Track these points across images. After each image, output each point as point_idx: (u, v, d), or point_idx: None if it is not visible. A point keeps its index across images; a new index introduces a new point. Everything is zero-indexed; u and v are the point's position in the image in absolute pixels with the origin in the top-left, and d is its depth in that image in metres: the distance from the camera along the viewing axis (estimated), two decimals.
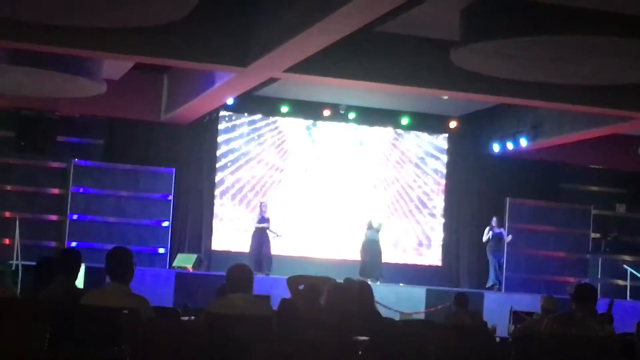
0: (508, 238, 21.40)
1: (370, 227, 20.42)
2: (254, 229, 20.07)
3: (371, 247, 20.29)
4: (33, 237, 19.60)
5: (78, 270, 8.30)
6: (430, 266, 22.57)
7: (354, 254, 20.70)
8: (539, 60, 13.78)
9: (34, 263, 9.27)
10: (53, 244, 20.11)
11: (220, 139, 21.57)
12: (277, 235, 20.21)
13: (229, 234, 21.49)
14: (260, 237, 19.97)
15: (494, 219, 21.20)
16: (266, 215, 20.14)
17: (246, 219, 21.26)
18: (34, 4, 12.60)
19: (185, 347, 6.91)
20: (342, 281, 9.46)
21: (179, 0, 11.89)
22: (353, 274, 16.72)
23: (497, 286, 21.15)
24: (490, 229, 21.17)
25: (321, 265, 19.45)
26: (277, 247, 20.37)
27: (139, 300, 7.36)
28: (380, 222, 20.46)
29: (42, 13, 13.01)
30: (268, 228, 20.06)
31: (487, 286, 21.09)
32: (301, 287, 9.38)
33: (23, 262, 17.78)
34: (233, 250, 20.93)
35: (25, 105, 19.56)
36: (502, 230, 21.34)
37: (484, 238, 21.21)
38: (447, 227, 22.81)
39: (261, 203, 20.52)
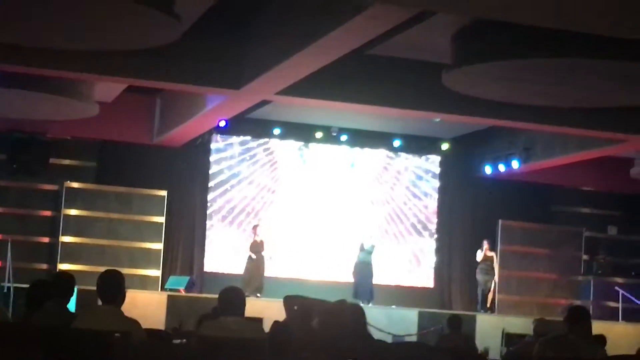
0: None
1: (362, 249, 20.40)
2: (248, 254, 20.01)
3: (363, 269, 20.26)
4: (25, 259, 19.54)
5: (71, 294, 8.30)
6: (422, 288, 22.55)
7: (347, 276, 20.68)
8: (530, 83, 13.83)
9: (25, 285, 9.26)
10: (45, 266, 20.06)
11: (212, 160, 21.57)
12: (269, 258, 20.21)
13: (221, 256, 21.46)
14: (255, 259, 19.93)
15: (485, 242, 21.18)
16: (258, 239, 20.11)
17: (238, 241, 21.25)
18: (26, 27, 12.62)
19: None
20: (334, 302, 9.43)
21: (171, 23, 11.92)
22: (346, 296, 16.71)
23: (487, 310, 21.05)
24: (482, 252, 21.11)
25: (314, 287, 19.43)
26: (270, 270, 20.34)
27: (131, 323, 7.34)
28: (372, 244, 20.44)
29: (34, 36, 13.04)
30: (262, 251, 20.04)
31: (478, 309, 21.02)
32: (295, 307, 9.37)
33: (15, 285, 17.73)
34: (225, 272, 20.90)
35: (18, 128, 19.55)
36: (493, 253, 21.28)
37: (478, 258, 21.09)
38: (439, 249, 22.80)
39: (255, 226, 20.49)
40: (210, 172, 21.54)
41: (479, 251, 21.14)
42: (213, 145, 21.54)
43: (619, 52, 12.42)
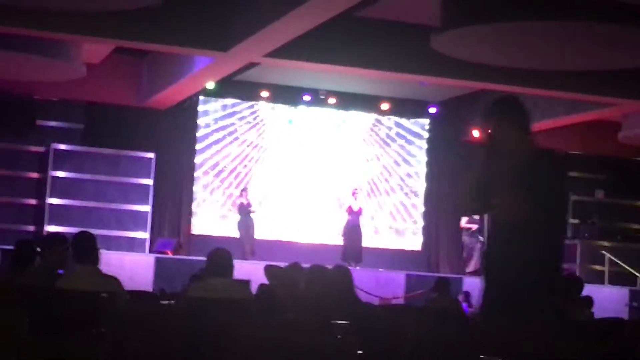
0: (473, 227, 21.24)
1: (351, 211, 20.43)
2: (239, 217, 20.03)
3: (352, 232, 20.31)
4: (11, 221, 19.53)
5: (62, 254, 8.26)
6: (409, 251, 22.60)
7: (336, 238, 20.74)
8: (519, 46, 13.80)
9: (12, 247, 9.23)
10: (32, 227, 20.04)
11: (200, 123, 21.53)
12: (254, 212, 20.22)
13: (209, 218, 21.48)
14: (245, 222, 19.98)
15: None
16: (248, 201, 20.12)
17: (226, 203, 21.28)
18: None
19: (164, 331, 6.91)
20: (319, 266, 9.44)
21: None
22: (335, 259, 16.77)
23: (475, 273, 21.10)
24: (467, 216, 21.12)
25: (303, 250, 19.49)
26: (260, 232, 20.38)
27: (111, 281, 7.36)
28: (360, 206, 20.47)
29: None
30: (252, 212, 20.06)
31: (467, 271, 21.07)
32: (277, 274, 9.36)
33: (2, 247, 17.71)
34: (213, 234, 20.91)
35: (4, 89, 19.46)
36: (478, 217, 21.26)
37: (462, 222, 21.11)
38: (426, 212, 22.84)
39: (244, 188, 20.49)
40: (198, 134, 21.49)
41: (462, 217, 21.14)
42: (200, 108, 21.48)
43: (606, 15, 12.40)
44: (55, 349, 5.57)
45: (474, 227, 20.95)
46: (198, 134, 21.49)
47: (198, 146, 21.47)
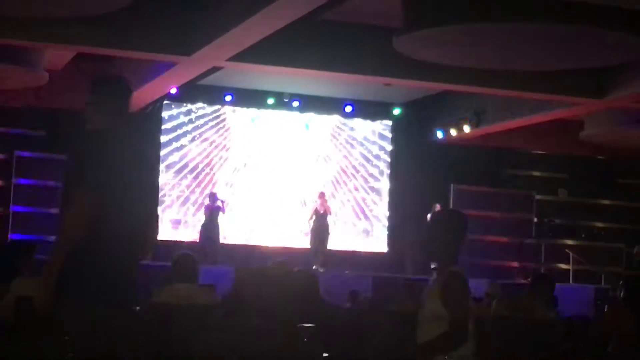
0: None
1: (317, 213, 20.46)
2: (204, 218, 19.98)
3: (319, 234, 20.34)
4: None
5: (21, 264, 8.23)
6: (376, 253, 22.64)
7: (303, 242, 20.76)
8: (481, 47, 13.86)
9: None
10: None
11: (163, 128, 21.46)
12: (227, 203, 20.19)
13: (174, 223, 21.41)
14: (211, 227, 19.93)
15: (437, 205, 21.27)
16: (217, 204, 20.08)
17: (190, 208, 21.24)
18: None
19: (128, 337, 6.87)
20: (282, 267, 9.45)
21: None
22: (302, 262, 16.75)
23: None
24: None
25: (270, 253, 19.45)
26: (226, 236, 20.34)
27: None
28: (325, 207, 20.50)
29: None
30: (222, 213, 20.02)
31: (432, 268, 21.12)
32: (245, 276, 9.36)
33: None
34: (177, 239, 20.85)
35: None
36: None
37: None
38: (392, 214, 22.89)
39: (211, 193, 20.43)
40: (162, 139, 21.41)
41: (429, 215, 21.22)
42: (164, 113, 21.41)
43: (566, 15, 12.48)
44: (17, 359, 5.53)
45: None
46: (162, 139, 21.41)
47: (162, 151, 21.39)
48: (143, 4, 13.89)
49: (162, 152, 21.38)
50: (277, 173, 22.10)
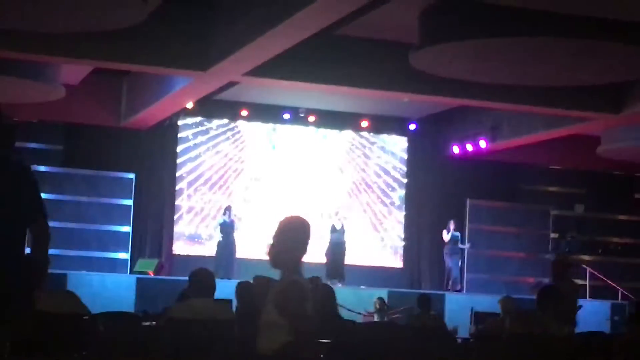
0: (467, 245, 21.48)
1: (334, 230, 20.45)
2: (220, 235, 19.98)
3: (336, 250, 20.33)
4: None
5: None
6: (391, 268, 22.61)
7: (319, 257, 20.76)
8: (497, 62, 13.86)
9: None
10: None
11: (180, 143, 21.50)
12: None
13: (191, 238, 21.42)
14: (226, 241, 19.92)
15: (451, 222, 21.27)
16: (231, 219, 20.08)
17: (207, 222, 21.24)
18: None
19: (146, 352, 6.90)
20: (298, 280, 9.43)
21: (137, 4, 11.85)
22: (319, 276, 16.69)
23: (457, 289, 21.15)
24: (448, 232, 21.20)
25: None
26: (241, 251, 20.34)
27: (70, 297, 7.34)
28: (343, 225, 20.49)
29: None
30: (235, 230, 20.03)
31: (447, 288, 21.11)
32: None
33: None
34: (194, 254, 20.88)
35: None
36: (458, 233, 21.38)
37: (445, 238, 21.21)
38: (407, 229, 22.85)
39: (227, 207, 20.43)
40: (178, 154, 21.46)
41: (444, 231, 21.23)
42: (180, 127, 21.45)
43: (584, 31, 12.48)
44: None
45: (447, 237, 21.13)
46: (178, 154, 21.46)
47: (178, 166, 21.44)
48: (159, 20, 13.95)
49: (178, 166, 21.41)
50: (293, 187, 22.09)
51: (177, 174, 21.39)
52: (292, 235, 5.53)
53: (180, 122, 21.28)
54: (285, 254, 5.63)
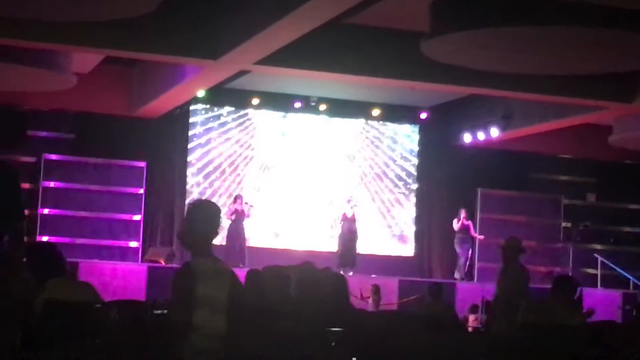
0: (480, 237, 21.43)
1: (345, 218, 20.44)
2: (230, 222, 19.98)
3: (348, 238, 20.33)
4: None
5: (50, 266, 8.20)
6: (402, 257, 22.60)
7: (330, 245, 20.77)
8: (509, 50, 13.82)
9: None
10: (24, 238, 19.93)
11: (191, 131, 21.51)
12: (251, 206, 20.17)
13: None
14: (237, 229, 19.93)
15: (462, 210, 21.23)
16: (242, 208, 20.08)
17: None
18: None
19: (157, 341, 6.89)
20: (310, 268, 9.43)
21: None
22: (330, 266, 16.74)
23: (464, 279, 21.13)
24: (458, 221, 21.16)
25: (297, 257, 19.42)
26: (252, 239, 20.35)
27: (86, 287, 7.35)
28: (354, 213, 20.47)
29: (10, 6, 12.93)
30: (247, 218, 20.02)
31: (455, 277, 21.10)
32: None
33: None
34: None
35: None
36: (469, 222, 21.34)
37: (455, 227, 21.19)
38: (418, 218, 22.84)
39: (237, 196, 20.42)
40: (189, 142, 21.47)
41: (455, 220, 21.19)
42: (191, 116, 21.45)
43: (595, 19, 12.43)
44: None
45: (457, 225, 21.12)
46: (189, 142, 21.47)
47: (189, 154, 21.45)
48: (170, 8, 13.92)
49: (189, 155, 21.43)
50: (304, 176, 22.09)
51: (188, 163, 21.40)
52: (202, 217, 5.61)
53: (191, 111, 21.29)
54: (196, 234, 5.64)
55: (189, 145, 21.46)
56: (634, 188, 23.44)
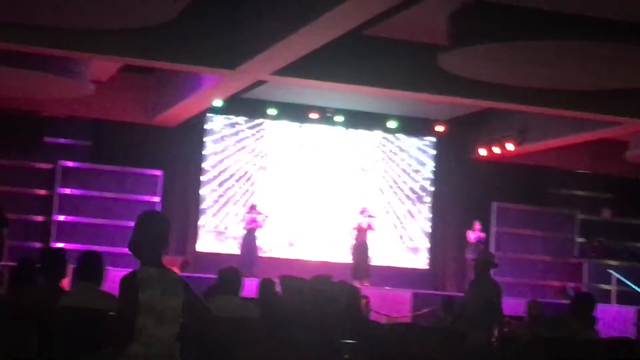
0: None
1: (360, 229, 20.44)
2: (244, 231, 20.01)
3: (361, 249, 20.33)
4: (19, 238, 19.51)
5: (63, 271, 8.23)
6: (416, 269, 22.58)
7: (345, 256, 20.76)
8: (526, 65, 13.83)
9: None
10: (39, 244, 20.04)
11: (207, 140, 21.55)
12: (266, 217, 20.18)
13: (216, 235, 21.47)
14: (250, 239, 19.95)
15: (476, 222, 21.21)
16: (256, 218, 20.10)
17: (233, 220, 21.28)
18: (21, 4, 12.58)
19: None
20: (324, 280, 9.44)
21: (167, 1, 11.89)
22: (344, 277, 16.76)
23: None
24: (473, 233, 21.14)
25: (311, 268, 19.46)
26: (266, 250, 20.36)
27: (108, 298, 7.37)
28: (368, 222, 20.46)
29: (30, 14, 13.00)
30: (260, 227, 20.04)
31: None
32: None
33: (8, 263, 17.70)
34: (219, 251, 20.91)
35: (12, 106, 19.51)
36: (483, 234, 21.31)
37: (469, 238, 21.15)
38: (433, 231, 22.82)
39: (252, 205, 20.44)
40: (205, 152, 21.51)
41: (469, 232, 21.17)
42: (208, 125, 21.51)
43: (615, 35, 12.42)
44: None
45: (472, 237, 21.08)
46: (205, 152, 21.52)
47: (205, 164, 21.50)
48: (189, 18, 13.97)
49: (205, 164, 21.47)
50: (319, 186, 22.10)
51: (204, 172, 21.45)
52: (152, 229, 5.70)
53: (207, 120, 21.34)
54: (146, 245, 5.73)
55: (205, 154, 21.50)
56: None
